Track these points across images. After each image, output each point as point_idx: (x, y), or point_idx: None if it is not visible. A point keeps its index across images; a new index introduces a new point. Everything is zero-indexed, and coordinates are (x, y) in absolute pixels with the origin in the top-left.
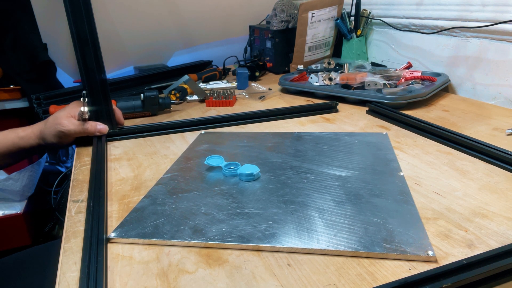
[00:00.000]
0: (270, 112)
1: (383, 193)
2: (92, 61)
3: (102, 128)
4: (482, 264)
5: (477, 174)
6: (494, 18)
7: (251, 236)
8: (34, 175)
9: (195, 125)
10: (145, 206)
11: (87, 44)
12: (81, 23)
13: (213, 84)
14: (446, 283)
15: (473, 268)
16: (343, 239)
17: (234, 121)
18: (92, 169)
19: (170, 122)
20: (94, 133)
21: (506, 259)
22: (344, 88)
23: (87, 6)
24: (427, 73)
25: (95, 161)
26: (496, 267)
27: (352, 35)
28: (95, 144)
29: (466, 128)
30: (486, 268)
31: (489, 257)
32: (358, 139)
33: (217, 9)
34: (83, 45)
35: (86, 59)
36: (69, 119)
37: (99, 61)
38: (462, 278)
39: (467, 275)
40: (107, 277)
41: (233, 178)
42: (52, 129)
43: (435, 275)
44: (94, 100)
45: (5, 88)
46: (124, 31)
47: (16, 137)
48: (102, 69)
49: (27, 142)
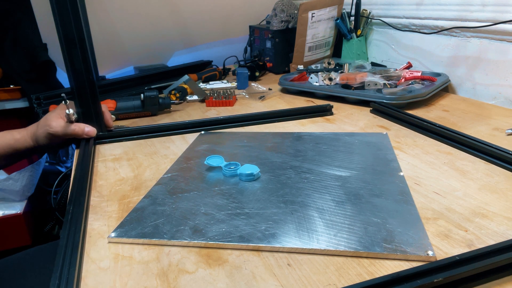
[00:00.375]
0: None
1: (383, 193)
2: (80, 62)
3: (90, 130)
4: (474, 261)
5: (477, 174)
6: (494, 18)
7: (251, 236)
8: (34, 175)
9: (193, 127)
10: (145, 206)
11: (74, 45)
12: (68, 23)
13: (213, 84)
14: (437, 278)
15: (466, 264)
16: (343, 239)
17: (233, 123)
18: (76, 173)
19: (166, 124)
20: (82, 135)
21: (499, 255)
22: (344, 88)
23: (74, 5)
24: (427, 73)
25: (79, 165)
26: (489, 263)
27: (352, 35)
28: (82, 147)
29: (466, 128)
30: (479, 264)
31: (482, 254)
32: (358, 139)
33: (217, 9)
34: (70, 46)
35: (74, 60)
36: (58, 120)
37: (87, 62)
38: (454, 274)
39: (459, 271)
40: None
41: (233, 178)
42: (42, 131)
43: (427, 270)
44: (82, 102)
45: (5, 88)
46: (124, 31)
47: (12, 139)
48: (90, 70)
49: (22, 144)
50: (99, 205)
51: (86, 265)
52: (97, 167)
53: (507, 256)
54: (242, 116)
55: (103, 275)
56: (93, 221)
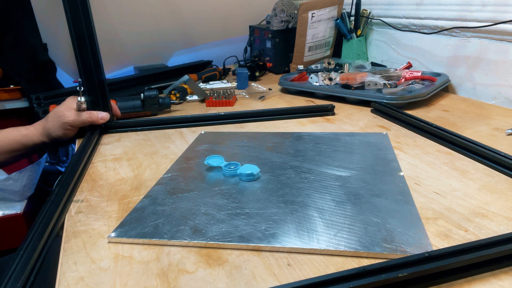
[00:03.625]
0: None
1: (383, 193)
2: (89, 57)
3: (104, 115)
4: (442, 258)
5: (477, 174)
6: (494, 18)
7: (251, 236)
8: (34, 175)
9: (194, 121)
10: (145, 206)
11: (84, 40)
12: (78, 20)
13: (213, 84)
14: (402, 273)
15: (433, 261)
16: (343, 239)
17: (232, 119)
18: (72, 159)
19: (169, 117)
20: (97, 121)
21: (467, 254)
22: (344, 88)
23: (84, 3)
24: (427, 73)
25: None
26: (457, 261)
27: (352, 35)
28: (87, 136)
29: (466, 128)
30: (446, 262)
31: (451, 252)
32: (358, 139)
33: (217, 9)
34: (80, 42)
35: (84, 55)
36: (71, 110)
37: (96, 57)
38: (418, 270)
39: (424, 268)
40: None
41: (233, 178)
42: (56, 122)
43: (393, 265)
44: (91, 95)
45: (5, 88)
46: (124, 31)
47: (19, 134)
48: (99, 64)
49: (30, 139)
50: (99, 205)
51: (86, 265)
52: (97, 167)
53: (475, 255)
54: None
55: (103, 275)
56: (93, 221)
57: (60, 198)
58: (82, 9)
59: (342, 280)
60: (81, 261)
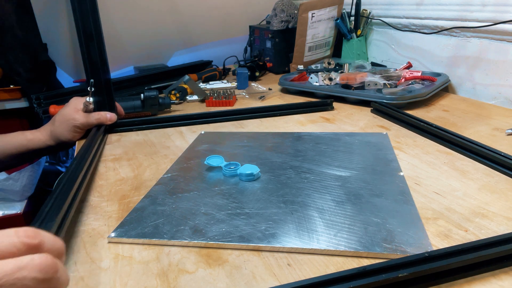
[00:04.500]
0: (263, 108)
1: (383, 193)
2: (96, 55)
3: (112, 116)
4: (442, 258)
5: (477, 174)
6: (494, 18)
7: (251, 236)
8: (34, 175)
9: (195, 118)
10: (145, 206)
11: (92, 38)
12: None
13: (213, 84)
14: (402, 273)
15: (433, 261)
16: (343, 239)
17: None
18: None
19: (171, 115)
20: (106, 122)
21: (467, 254)
22: (344, 88)
23: (93, 2)
24: (427, 73)
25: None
26: (457, 261)
27: (352, 35)
28: (91, 136)
29: (466, 128)
30: (446, 262)
31: (451, 252)
32: (358, 139)
33: (217, 9)
34: (87, 40)
35: (91, 52)
36: (79, 112)
37: (102, 55)
38: (418, 270)
39: (424, 268)
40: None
41: (233, 178)
42: (65, 126)
43: (393, 265)
44: (97, 93)
45: (5, 88)
46: (124, 31)
47: (25, 139)
48: (105, 62)
49: (35, 144)
50: (99, 205)
51: (86, 265)
52: (97, 167)
53: (475, 255)
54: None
55: (103, 275)
56: (93, 221)
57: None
58: (91, 7)
59: (342, 280)
60: (81, 261)
